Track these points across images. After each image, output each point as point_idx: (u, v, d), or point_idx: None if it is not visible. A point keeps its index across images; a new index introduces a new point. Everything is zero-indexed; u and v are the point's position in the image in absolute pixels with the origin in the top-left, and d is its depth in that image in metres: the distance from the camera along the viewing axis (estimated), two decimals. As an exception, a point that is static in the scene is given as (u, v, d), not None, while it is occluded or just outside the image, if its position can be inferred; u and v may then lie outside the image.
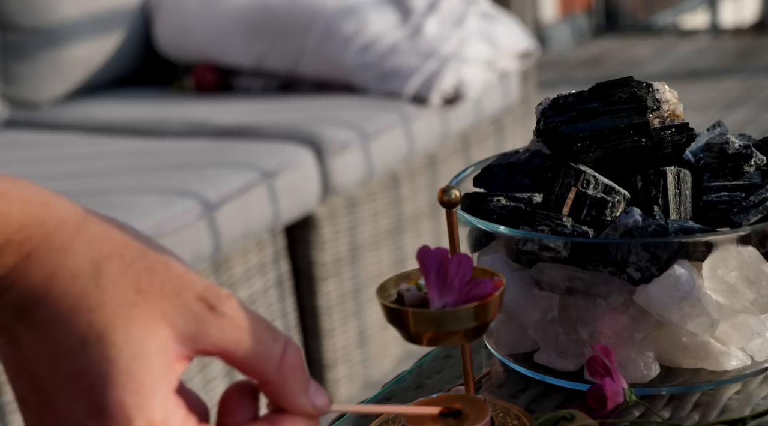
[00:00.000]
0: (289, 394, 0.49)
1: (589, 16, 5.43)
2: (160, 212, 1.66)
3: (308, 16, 2.34)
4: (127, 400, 0.46)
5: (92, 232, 0.49)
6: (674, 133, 0.74)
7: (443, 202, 0.63)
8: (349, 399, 2.07)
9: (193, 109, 2.23)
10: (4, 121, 2.29)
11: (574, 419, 0.62)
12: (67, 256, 0.47)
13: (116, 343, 0.46)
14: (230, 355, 0.48)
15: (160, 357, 0.47)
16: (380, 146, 2.10)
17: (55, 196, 0.49)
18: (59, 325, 0.46)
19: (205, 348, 0.48)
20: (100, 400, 0.46)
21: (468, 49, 2.32)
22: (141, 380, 0.46)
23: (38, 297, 0.47)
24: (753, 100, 4.00)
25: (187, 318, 0.48)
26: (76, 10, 2.36)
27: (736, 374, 0.71)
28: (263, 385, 0.49)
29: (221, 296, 0.49)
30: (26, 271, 0.47)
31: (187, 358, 0.48)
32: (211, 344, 0.48)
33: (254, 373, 0.49)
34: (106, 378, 0.46)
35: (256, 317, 0.49)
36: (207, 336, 0.48)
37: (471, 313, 0.56)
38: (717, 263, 0.68)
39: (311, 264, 2.01)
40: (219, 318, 0.48)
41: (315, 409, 0.50)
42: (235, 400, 0.50)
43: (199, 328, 0.48)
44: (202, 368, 1.74)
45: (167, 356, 0.47)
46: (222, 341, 0.48)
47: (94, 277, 0.47)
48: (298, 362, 0.50)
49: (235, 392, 0.50)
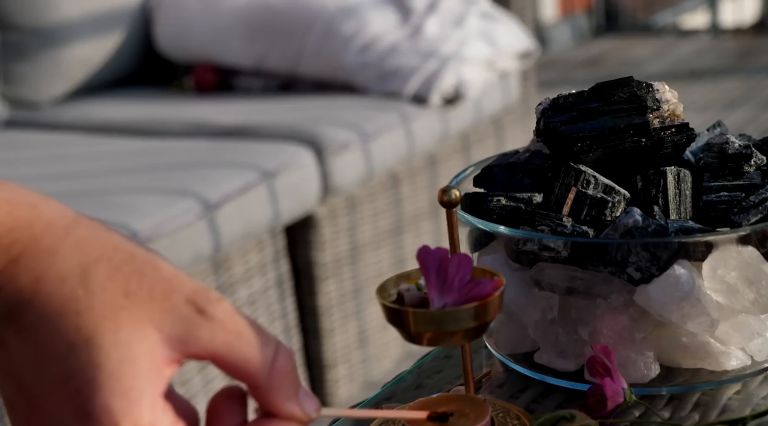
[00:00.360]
0: (278, 399, 0.49)
1: (589, 16, 5.43)
2: (160, 212, 1.66)
3: (308, 16, 2.34)
4: (114, 405, 0.45)
5: (81, 235, 0.48)
6: (674, 133, 0.74)
7: (443, 202, 0.63)
8: (349, 399, 2.07)
9: (193, 109, 2.23)
10: (4, 121, 2.29)
11: (574, 419, 0.62)
12: (55, 259, 0.47)
13: (104, 346, 0.46)
14: (220, 359, 0.48)
15: (148, 361, 0.46)
16: (380, 146, 2.10)
17: (44, 198, 0.49)
18: (47, 329, 0.46)
19: (194, 352, 0.48)
20: (87, 405, 0.45)
21: (468, 49, 2.32)
22: (128, 384, 0.46)
23: (26, 301, 0.46)
24: (753, 100, 4.00)
25: (175, 321, 0.47)
26: (76, 10, 2.36)
27: (736, 374, 0.71)
28: (253, 389, 0.49)
29: (211, 299, 0.48)
30: (14, 274, 0.47)
31: (176, 363, 0.48)
32: (201, 348, 0.47)
33: (244, 377, 0.48)
34: (93, 382, 0.45)
35: (247, 321, 0.49)
36: (197, 340, 0.47)
37: (471, 313, 0.56)
38: (717, 263, 0.68)
39: (311, 264, 2.01)
40: (209, 321, 0.47)
41: (304, 414, 0.49)
42: (222, 405, 0.49)
43: (188, 332, 0.47)
44: (202, 368, 1.75)
45: (155, 360, 0.47)
46: (212, 345, 0.47)
47: (82, 280, 0.47)
48: (289, 367, 0.49)
49: (223, 397, 0.50)
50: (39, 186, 1.77)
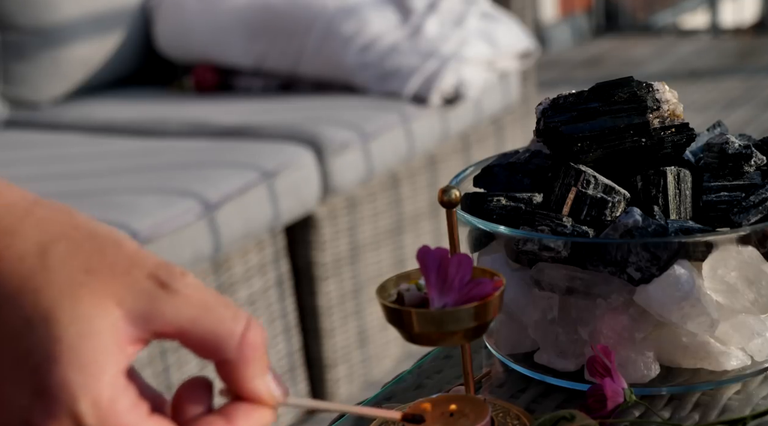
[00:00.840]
0: (248, 374, 0.47)
1: (589, 16, 5.43)
2: (160, 212, 1.66)
3: (308, 16, 2.34)
4: (72, 379, 0.44)
5: (41, 215, 0.47)
6: (674, 133, 0.74)
7: (443, 202, 0.63)
8: (349, 399, 2.07)
9: (193, 109, 2.23)
10: (4, 121, 2.29)
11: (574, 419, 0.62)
12: (14, 238, 0.46)
13: (62, 321, 0.44)
14: (187, 334, 0.46)
15: (109, 336, 0.45)
16: (380, 146, 2.10)
17: (6, 183, 0.48)
18: (5, 308, 0.45)
19: (159, 328, 0.46)
20: (44, 380, 0.44)
21: (468, 49, 2.32)
22: (88, 358, 0.44)
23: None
24: (753, 100, 4.00)
25: (137, 296, 0.46)
26: (76, 10, 2.36)
27: (736, 374, 0.71)
28: (221, 366, 0.47)
29: (174, 273, 0.47)
30: None
31: (141, 342, 0.46)
32: (165, 323, 0.46)
33: (212, 352, 0.47)
34: (50, 356, 0.44)
35: (214, 294, 0.47)
36: (160, 315, 0.46)
37: (471, 313, 0.56)
38: (717, 263, 0.68)
39: (311, 264, 2.01)
40: (172, 296, 0.46)
41: (272, 397, 0.48)
42: (187, 394, 0.48)
43: (151, 307, 0.46)
44: (202, 368, 1.75)
45: (117, 336, 0.45)
46: (177, 320, 0.46)
47: (41, 258, 0.46)
48: (260, 342, 0.47)
49: (188, 387, 0.48)
50: (39, 186, 1.77)
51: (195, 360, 1.73)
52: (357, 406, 0.59)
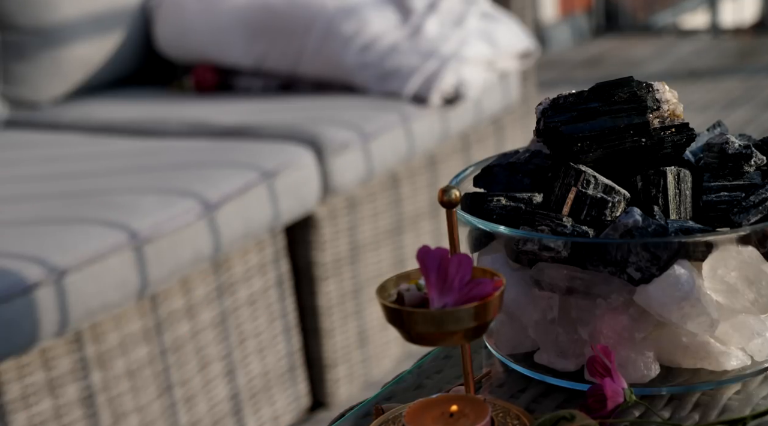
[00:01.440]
0: None
1: (589, 16, 5.43)
2: (160, 212, 1.66)
3: (308, 16, 2.34)
4: None
5: None
6: (674, 133, 0.74)
7: (443, 202, 0.63)
8: (349, 399, 2.07)
9: (193, 109, 2.23)
10: (4, 121, 2.29)
11: (574, 419, 0.62)
12: None
13: None
14: None
15: None
16: (380, 146, 2.10)
17: None
18: None
19: None
20: None
21: (468, 49, 2.32)
22: None
23: None
24: (753, 100, 4.00)
25: None
26: (76, 10, 2.36)
27: (736, 374, 0.71)
28: None
29: None
30: None
31: None
32: None
33: None
34: None
35: None
36: None
37: (471, 313, 0.56)
38: (717, 263, 0.68)
39: (311, 264, 2.01)
40: None
41: None
42: None
43: None
44: (202, 368, 1.75)
45: None
46: None
47: None
48: None
49: None
50: (39, 186, 1.77)
51: (195, 360, 1.73)
52: None
